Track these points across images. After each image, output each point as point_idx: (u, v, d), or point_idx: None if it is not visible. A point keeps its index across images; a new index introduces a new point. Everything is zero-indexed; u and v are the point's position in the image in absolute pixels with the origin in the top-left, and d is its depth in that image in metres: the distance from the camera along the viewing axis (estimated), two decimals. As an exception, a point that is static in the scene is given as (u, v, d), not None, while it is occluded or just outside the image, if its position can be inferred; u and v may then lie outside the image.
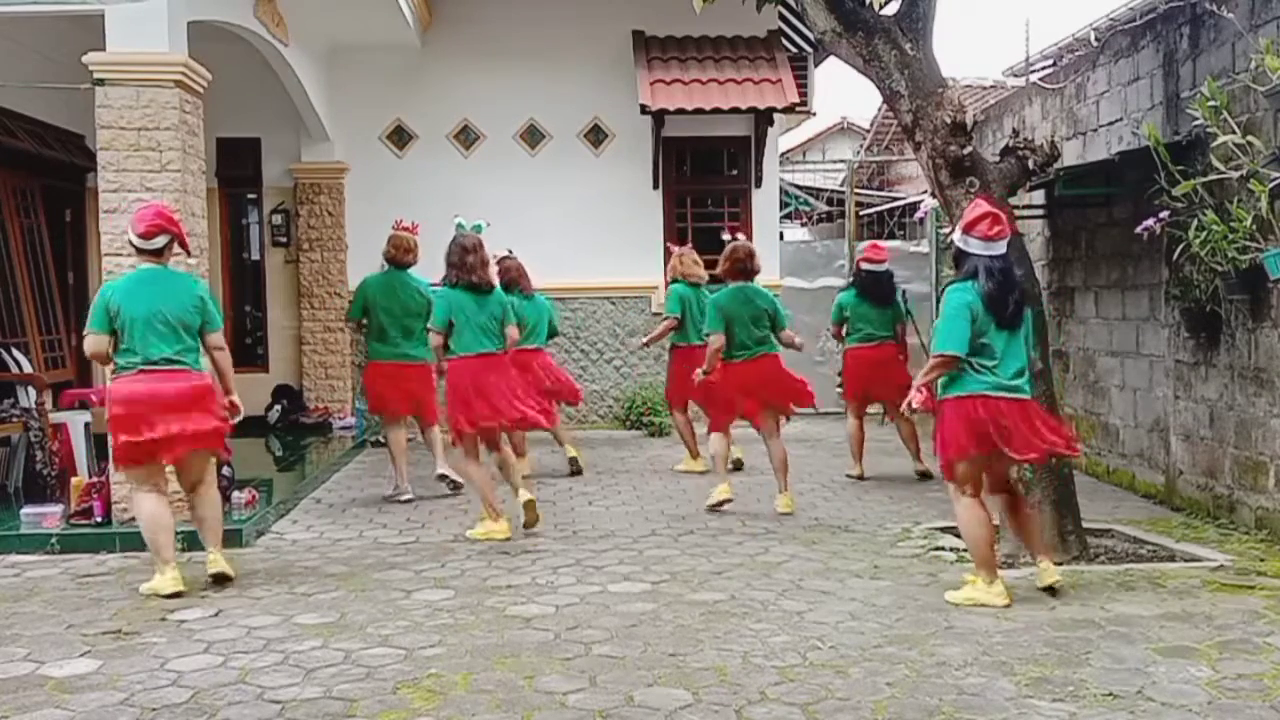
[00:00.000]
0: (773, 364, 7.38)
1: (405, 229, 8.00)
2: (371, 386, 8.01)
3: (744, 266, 7.35)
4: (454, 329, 6.65)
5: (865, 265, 8.70)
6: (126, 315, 5.51)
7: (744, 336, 7.27)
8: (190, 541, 6.39)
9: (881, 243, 10.60)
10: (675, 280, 8.88)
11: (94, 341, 5.60)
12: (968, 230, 5.18)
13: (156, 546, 5.53)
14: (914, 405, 5.23)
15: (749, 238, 11.48)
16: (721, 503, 7.31)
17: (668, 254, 10.04)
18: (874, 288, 8.54)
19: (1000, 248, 5.16)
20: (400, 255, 7.90)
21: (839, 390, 8.92)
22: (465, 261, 6.64)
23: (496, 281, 7.05)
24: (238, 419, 5.90)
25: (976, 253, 5.15)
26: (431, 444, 8.11)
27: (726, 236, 7.82)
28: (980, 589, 5.18)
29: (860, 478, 8.55)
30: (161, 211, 5.70)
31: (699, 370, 7.43)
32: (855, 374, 8.62)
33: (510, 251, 8.62)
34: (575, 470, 8.79)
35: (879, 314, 8.55)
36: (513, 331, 6.89)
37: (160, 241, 5.62)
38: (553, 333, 8.88)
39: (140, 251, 5.63)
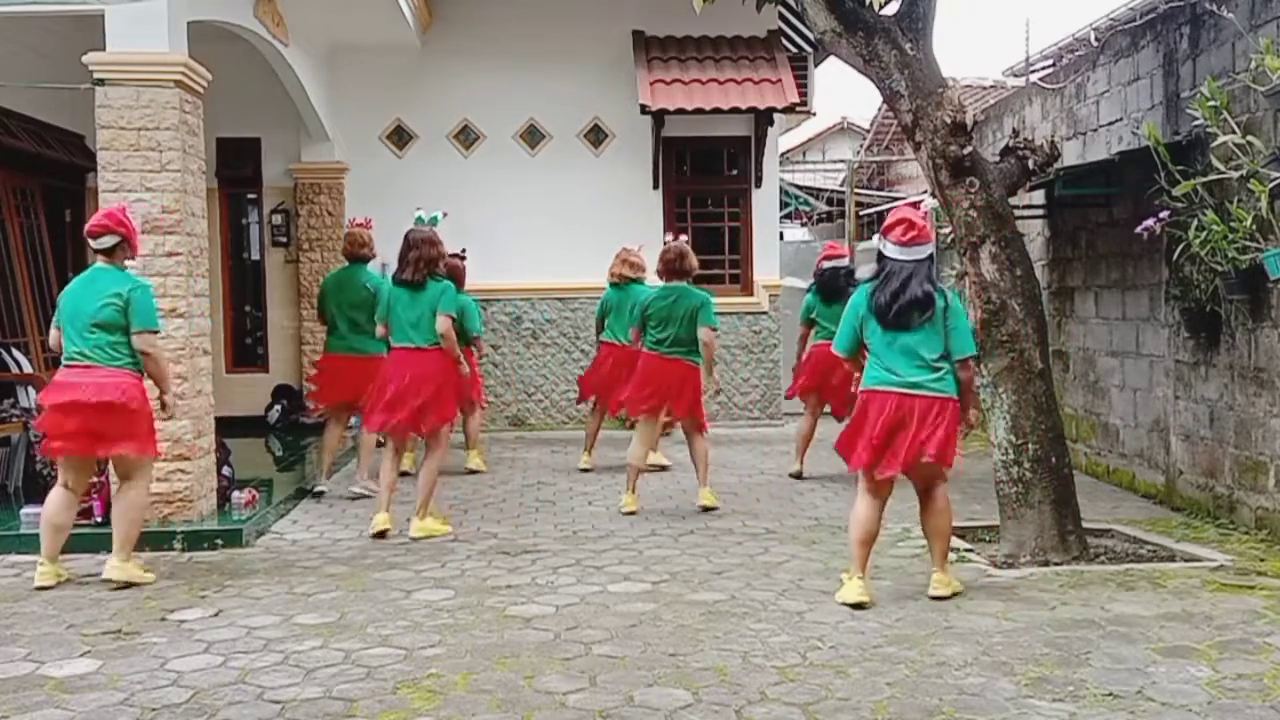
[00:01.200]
0: (686, 372, 7.41)
1: (359, 225, 8.22)
2: (317, 378, 8.28)
3: (674, 267, 7.57)
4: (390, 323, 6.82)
5: (825, 263, 8.63)
6: (59, 312, 5.76)
7: (661, 334, 7.43)
8: (190, 542, 6.42)
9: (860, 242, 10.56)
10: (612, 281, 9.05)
11: (50, 335, 5.92)
12: (884, 234, 5.29)
13: (42, 538, 5.69)
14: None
15: (749, 237, 11.73)
16: (629, 514, 7.32)
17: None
18: (832, 284, 8.39)
19: (916, 252, 5.20)
20: (355, 250, 8.10)
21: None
22: (404, 257, 6.79)
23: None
24: (168, 419, 6.06)
25: (890, 256, 5.23)
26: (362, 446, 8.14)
27: (669, 238, 8.01)
28: (844, 583, 5.25)
29: (798, 476, 8.61)
30: (112, 213, 5.80)
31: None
32: (813, 371, 8.48)
33: (463, 252, 8.81)
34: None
35: (832, 312, 8.28)
36: (442, 322, 6.66)
37: (107, 241, 5.71)
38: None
39: (95, 250, 5.79)
